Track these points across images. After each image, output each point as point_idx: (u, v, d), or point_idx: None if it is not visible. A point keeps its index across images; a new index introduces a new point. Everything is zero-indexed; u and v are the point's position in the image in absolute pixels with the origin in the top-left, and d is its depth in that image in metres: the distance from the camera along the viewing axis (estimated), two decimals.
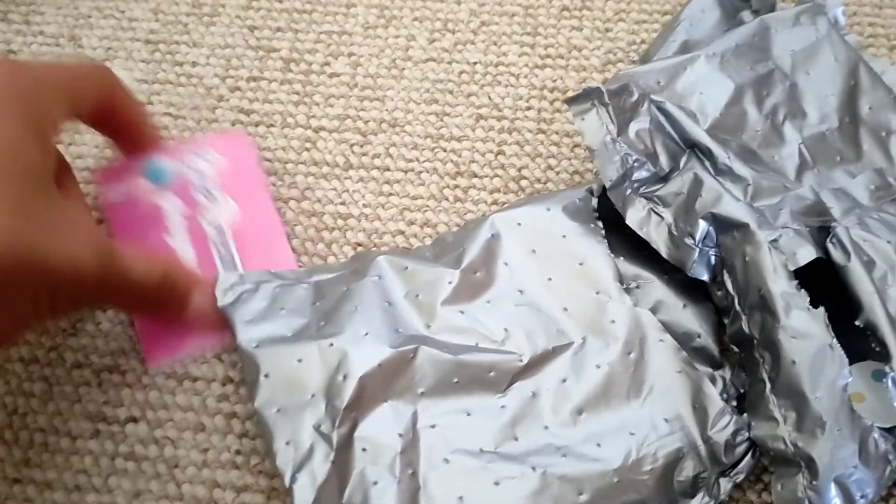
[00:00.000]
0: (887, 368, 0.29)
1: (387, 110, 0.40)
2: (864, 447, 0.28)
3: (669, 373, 0.31)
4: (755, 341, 0.31)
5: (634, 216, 0.33)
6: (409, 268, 0.33)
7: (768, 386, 0.30)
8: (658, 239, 0.33)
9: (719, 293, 0.32)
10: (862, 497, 0.28)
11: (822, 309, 0.29)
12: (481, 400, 0.30)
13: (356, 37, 0.42)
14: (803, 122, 0.36)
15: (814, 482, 0.28)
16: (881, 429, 0.29)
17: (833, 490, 0.28)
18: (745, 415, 0.30)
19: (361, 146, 0.39)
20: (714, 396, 0.30)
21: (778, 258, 0.30)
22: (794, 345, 0.29)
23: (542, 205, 0.34)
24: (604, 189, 0.34)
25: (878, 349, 0.30)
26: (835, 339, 0.29)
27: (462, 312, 0.32)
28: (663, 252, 0.33)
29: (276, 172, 0.38)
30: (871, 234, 0.32)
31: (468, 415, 0.30)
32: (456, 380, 0.30)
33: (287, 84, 0.40)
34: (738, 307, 0.31)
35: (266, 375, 0.30)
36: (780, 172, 0.35)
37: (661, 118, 0.34)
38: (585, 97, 0.34)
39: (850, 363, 0.29)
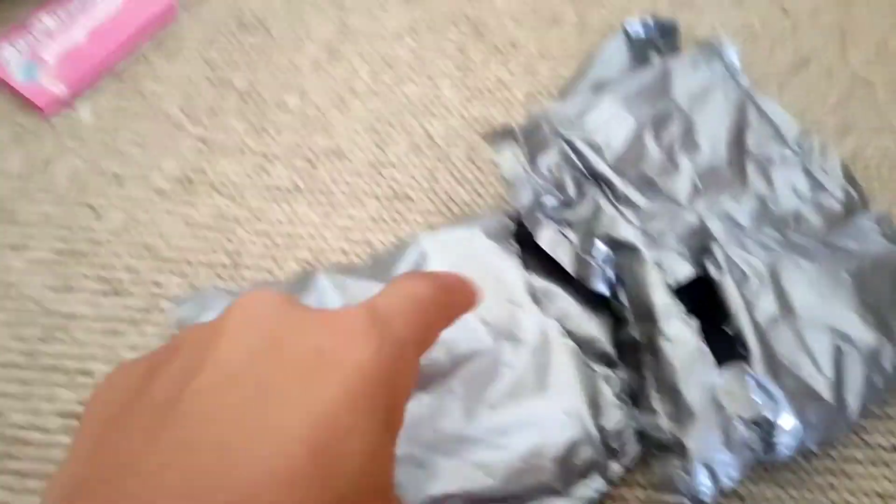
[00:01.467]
0: (747, 367, 0.35)
1: (333, 140, 0.45)
2: (728, 435, 0.33)
3: (570, 373, 0.37)
4: (641, 345, 0.36)
5: (545, 237, 0.39)
6: (346, 283, 0.38)
7: (651, 383, 0.35)
8: (564, 257, 0.39)
9: (615, 304, 0.38)
10: (727, 478, 0.33)
11: (695, 319, 0.35)
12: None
13: (306, 72, 0.47)
14: (696, 155, 0.41)
15: (685, 464, 0.33)
16: (743, 420, 0.34)
17: (702, 471, 0.33)
18: (633, 408, 0.36)
19: (309, 172, 0.44)
20: (607, 393, 0.36)
21: (660, 276, 0.36)
22: (671, 348, 0.35)
23: (466, 227, 0.40)
24: (520, 214, 0.40)
25: (742, 352, 0.35)
26: (704, 344, 0.35)
27: None
28: (569, 269, 0.39)
29: (231, 195, 0.43)
30: (747, 253, 0.37)
31: None
32: None
33: (242, 115, 0.46)
34: (628, 316, 0.37)
35: None
36: (674, 199, 0.41)
37: (570, 152, 0.40)
38: (502, 136, 0.40)
39: (724, 363, 0.34)
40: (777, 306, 0.36)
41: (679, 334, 0.35)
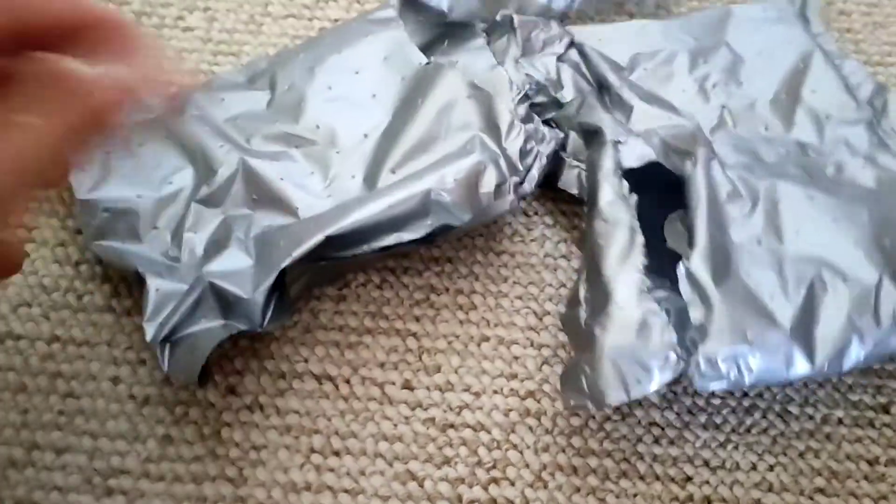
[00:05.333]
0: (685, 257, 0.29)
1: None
2: (646, 330, 0.27)
3: (461, 97, 0.33)
4: (586, 234, 0.31)
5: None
6: (224, 99, 0.34)
7: (584, 275, 0.30)
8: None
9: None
10: (638, 381, 0.27)
11: (634, 196, 0.30)
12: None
13: None
14: (735, 90, 0.36)
15: (593, 361, 0.27)
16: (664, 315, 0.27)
17: (609, 368, 0.27)
18: (531, 124, 0.33)
19: None
20: (504, 112, 0.32)
21: (614, 155, 0.31)
22: (603, 227, 0.30)
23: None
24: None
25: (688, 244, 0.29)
26: (637, 224, 0.29)
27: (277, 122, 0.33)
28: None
29: None
30: (752, 176, 0.32)
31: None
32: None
33: None
34: (585, 209, 0.32)
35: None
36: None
37: (577, 57, 0.36)
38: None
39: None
40: (763, 229, 0.31)
41: (615, 213, 0.30)
